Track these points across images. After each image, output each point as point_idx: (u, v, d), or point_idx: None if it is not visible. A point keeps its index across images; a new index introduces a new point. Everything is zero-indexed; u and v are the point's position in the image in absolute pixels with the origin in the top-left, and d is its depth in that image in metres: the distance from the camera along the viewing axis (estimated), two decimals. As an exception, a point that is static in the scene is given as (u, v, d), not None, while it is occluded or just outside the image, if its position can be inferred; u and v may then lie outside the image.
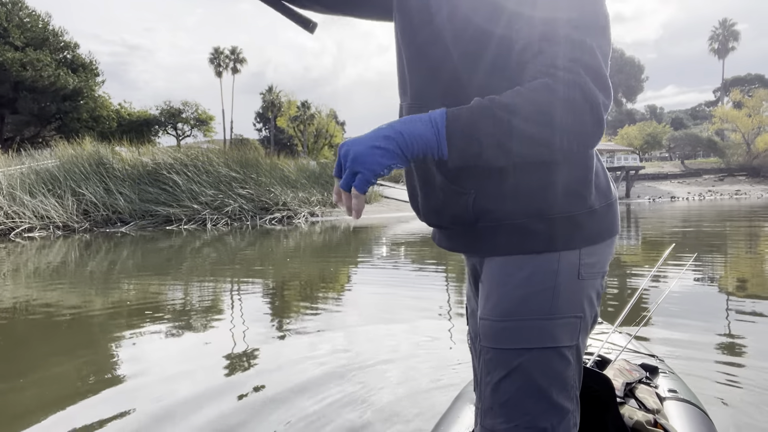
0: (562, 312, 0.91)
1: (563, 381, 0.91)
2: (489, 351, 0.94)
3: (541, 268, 0.92)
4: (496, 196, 0.93)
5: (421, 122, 0.83)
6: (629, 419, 1.31)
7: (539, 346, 0.90)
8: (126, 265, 8.11)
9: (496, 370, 0.92)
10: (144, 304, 5.04)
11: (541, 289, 0.91)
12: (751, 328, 3.75)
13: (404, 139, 0.82)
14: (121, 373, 3.16)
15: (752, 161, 42.30)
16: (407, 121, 0.84)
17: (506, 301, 0.93)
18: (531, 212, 0.92)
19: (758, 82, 64.38)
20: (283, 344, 3.68)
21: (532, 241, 0.92)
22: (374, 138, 0.82)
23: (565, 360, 0.91)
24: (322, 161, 24.65)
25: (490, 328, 0.94)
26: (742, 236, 10.74)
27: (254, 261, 8.29)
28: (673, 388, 1.48)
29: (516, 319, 0.91)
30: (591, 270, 0.94)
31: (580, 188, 0.93)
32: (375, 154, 0.81)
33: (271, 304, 5.11)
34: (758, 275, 6.08)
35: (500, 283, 0.95)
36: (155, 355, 3.50)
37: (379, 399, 2.64)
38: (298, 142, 52.22)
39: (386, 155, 0.81)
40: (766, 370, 2.83)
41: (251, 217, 15.17)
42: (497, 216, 0.93)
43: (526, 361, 0.90)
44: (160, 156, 16.57)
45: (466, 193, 0.94)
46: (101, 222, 14.14)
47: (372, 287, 5.99)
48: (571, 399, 0.92)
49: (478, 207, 0.93)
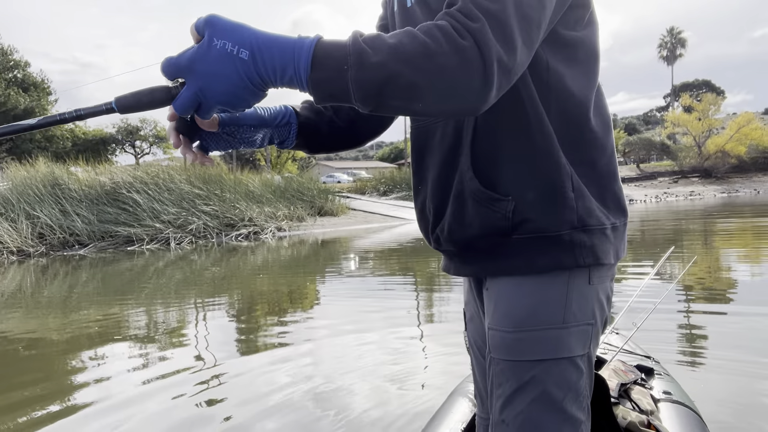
0: (575, 320, 0.87)
1: (577, 391, 0.87)
2: (500, 363, 0.89)
3: (552, 275, 0.87)
4: (535, 203, 0.86)
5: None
6: (623, 420, 1.31)
7: (554, 356, 0.86)
8: (85, 288, 7.79)
9: (508, 382, 0.88)
10: (104, 329, 4.83)
11: (554, 297, 0.87)
12: (751, 328, 3.79)
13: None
14: (79, 401, 3.00)
15: (704, 163, 43.94)
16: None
17: (517, 310, 0.88)
18: (574, 222, 0.86)
19: (706, 86, 67.30)
20: (249, 365, 3.57)
21: (567, 255, 0.87)
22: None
23: (579, 370, 0.88)
24: (287, 175, 24.43)
25: (502, 339, 0.89)
26: (729, 235, 11.09)
27: (220, 279, 8.09)
28: (668, 390, 1.48)
29: (528, 329, 0.87)
30: (601, 274, 0.90)
31: (616, 197, 0.92)
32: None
33: (237, 323, 4.97)
34: (751, 273, 6.25)
35: (510, 291, 0.90)
36: (116, 381, 3.35)
37: (351, 413, 2.58)
38: (261, 157, 51.71)
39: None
40: (764, 371, 2.85)
41: (216, 235, 14.85)
42: (539, 226, 0.86)
43: (541, 372, 0.86)
44: (118, 175, 16.08)
45: (505, 199, 0.87)
46: (58, 245, 13.60)
47: (340, 299, 5.90)
48: (583, 409, 0.89)
49: (518, 215, 0.86)
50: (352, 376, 3.14)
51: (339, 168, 59.64)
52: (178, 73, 0.72)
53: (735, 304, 4.60)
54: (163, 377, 3.37)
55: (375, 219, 18.95)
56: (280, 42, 0.70)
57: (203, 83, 0.70)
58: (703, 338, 3.60)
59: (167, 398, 2.97)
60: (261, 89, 0.72)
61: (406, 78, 0.67)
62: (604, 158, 0.91)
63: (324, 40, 0.70)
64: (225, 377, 3.30)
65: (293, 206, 17.81)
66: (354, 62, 0.67)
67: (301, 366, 3.41)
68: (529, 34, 0.72)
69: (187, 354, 3.89)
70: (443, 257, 1.05)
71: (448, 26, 0.68)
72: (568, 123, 0.87)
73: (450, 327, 4.26)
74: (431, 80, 0.67)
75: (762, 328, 3.71)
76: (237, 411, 2.73)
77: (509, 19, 0.69)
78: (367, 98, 0.69)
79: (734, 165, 43.06)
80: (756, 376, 2.76)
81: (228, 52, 0.69)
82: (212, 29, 0.70)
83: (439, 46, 0.67)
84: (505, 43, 0.69)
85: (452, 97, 0.69)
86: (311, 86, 0.70)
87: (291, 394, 2.92)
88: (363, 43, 0.68)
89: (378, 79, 0.67)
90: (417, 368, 3.26)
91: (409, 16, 0.95)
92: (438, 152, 0.94)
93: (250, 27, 0.71)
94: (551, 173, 0.85)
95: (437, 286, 6.45)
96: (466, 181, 0.89)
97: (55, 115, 0.75)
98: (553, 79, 0.85)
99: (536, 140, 0.85)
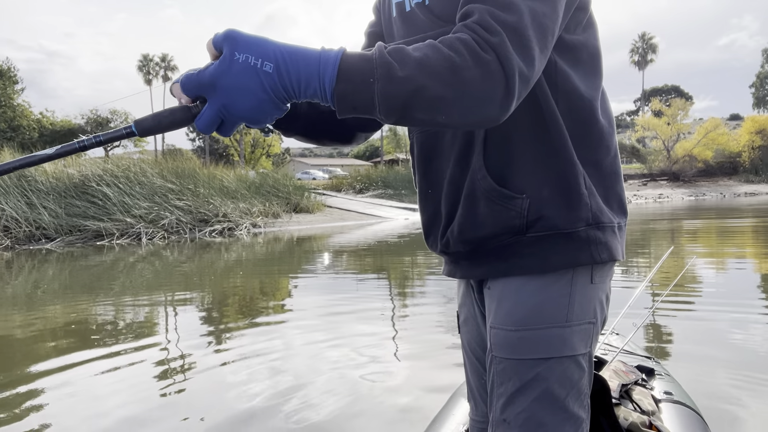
0: (577, 319, 0.87)
1: (578, 390, 0.88)
2: (502, 361, 0.89)
3: (558, 274, 0.88)
4: (551, 201, 0.86)
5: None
6: (624, 420, 1.30)
7: (557, 355, 0.86)
8: (52, 284, 7.54)
9: (510, 380, 0.88)
10: (71, 326, 4.67)
11: (558, 296, 0.87)
12: (753, 327, 3.83)
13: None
14: (44, 401, 2.87)
15: (672, 167, 45.08)
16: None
17: (521, 309, 0.88)
18: (589, 219, 0.87)
19: (674, 92, 69.11)
20: (221, 365, 3.48)
21: (583, 252, 0.87)
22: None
23: (581, 368, 0.88)
24: (261, 171, 24.18)
25: (505, 338, 0.89)
26: (717, 233, 11.33)
27: (192, 276, 7.92)
28: (669, 390, 1.48)
29: (532, 328, 0.87)
30: (602, 274, 0.91)
31: (618, 197, 0.93)
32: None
33: (209, 322, 4.85)
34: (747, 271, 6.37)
35: (514, 289, 0.89)
36: (83, 381, 3.23)
37: (325, 415, 2.54)
38: (235, 152, 51.08)
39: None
40: (764, 370, 2.87)
41: (190, 230, 14.57)
42: (555, 223, 0.86)
43: (544, 370, 0.86)
44: (87, 167, 15.65)
45: (519, 197, 0.86)
46: (24, 239, 13.18)
47: (314, 297, 5.84)
48: (584, 407, 0.89)
49: (533, 213, 0.86)
50: (322, 375, 3.10)
51: (314, 165, 59.36)
52: (200, 90, 0.69)
53: (734, 303, 4.62)
54: (129, 374, 3.28)
55: (351, 217, 18.89)
56: (304, 54, 0.68)
57: (227, 99, 0.68)
58: (703, 338, 3.61)
59: (133, 395, 2.88)
60: (284, 102, 0.70)
61: (432, 91, 0.68)
62: (608, 158, 0.92)
63: (349, 53, 0.70)
64: (191, 373, 3.22)
65: (268, 202, 17.62)
66: (381, 75, 0.67)
67: (270, 362, 3.36)
68: (544, 43, 0.74)
69: (155, 352, 3.78)
70: (447, 262, 1.04)
71: (470, 40, 0.70)
72: (577, 122, 0.88)
73: (422, 326, 4.25)
74: (456, 94, 0.68)
75: (762, 327, 3.75)
76: (203, 409, 2.65)
77: (527, 31, 0.71)
78: (391, 111, 0.69)
79: (701, 169, 44.33)
80: (756, 375, 2.77)
81: (251, 66, 0.67)
82: (233, 43, 0.67)
83: (464, 60, 0.68)
84: (524, 55, 0.71)
85: (475, 110, 0.71)
86: (336, 98, 0.69)
87: (258, 391, 2.85)
88: (389, 56, 0.68)
89: (405, 93, 0.68)
90: (388, 367, 3.23)
91: (411, 20, 0.95)
92: (449, 154, 0.94)
93: (272, 39, 0.69)
94: (566, 170, 0.86)
95: (411, 285, 6.43)
96: (477, 180, 0.89)
97: (73, 143, 0.74)
98: (561, 78, 0.87)
99: (550, 137, 0.87)
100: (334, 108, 0.70)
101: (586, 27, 0.89)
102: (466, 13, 0.74)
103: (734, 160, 46.18)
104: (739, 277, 6.25)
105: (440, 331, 4.07)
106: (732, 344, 3.44)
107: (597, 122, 0.90)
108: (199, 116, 0.70)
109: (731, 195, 36.20)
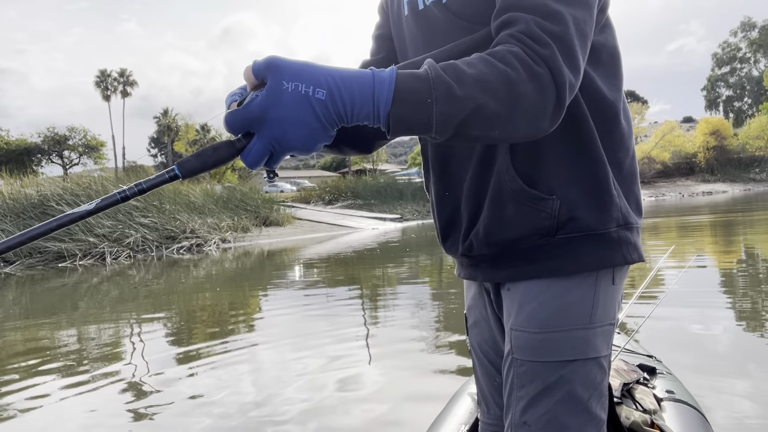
0: (600, 320, 0.87)
1: (600, 391, 0.87)
2: (524, 363, 0.87)
3: (583, 276, 0.87)
4: (582, 201, 0.85)
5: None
6: (626, 419, 1.29)
7: (582, 357, 0.85)
8: (11, 309, 7.21)
9: (532, 383, 0.86)
10: (32, 352, 4.45)
11: (582, 297, 0.86)
12: (757, 324, 3.86)
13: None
14: (4, 430, 2.71)
15: (632, 168, 46.48)
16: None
17: (545, 311, 0.86)
18: (620, 220, 0.87)
19: (631, 96, 71.31)
20: (190, 386, 3.36)
21: (615, 253, 0.87)
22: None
23: (603, 369, 0.87)
24: (227, 185, 23.82)
25: (527, 340, 0.87)
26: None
27: (159, 295, 7.70)
28: (671, 389, 1.48)
29: (556, 330, 0.85)
30: (622, 275, 0.91)
31: (636, 198, 0.93)
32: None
33: (176, 343, 4.71)
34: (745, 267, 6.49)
35: (538, 292, 0.87)
36: (47, 410, 3.06)
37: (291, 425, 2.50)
38: (200, 167, 50.14)
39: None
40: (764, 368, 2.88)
41: (156, 248, 14.20)
42: (587, 224, 0.85)
43: (568, 373, 0.84)
44: (46, 187, 15.15)
45: (549, 198, 0.84)
46: (-22, 263, 12.62)
47: (286, 311, 5.74)
48: (604, 408, 0.89)
49: (564, 214, 0.84)
50: (293, 388, 3.04)
51: (281, 177, 58.87)
52: (249, 126, 0.65)
53: (734, 303, 4.65)
54: (96, 398, 3.15)
55: (322, 228, 18.74)
56: (357, 77, 0.65)
57: (278, 132, 0.64)
58: (705, 336, 3.62)
59: (101, 420, 2.77)
60: (334, 128, 0.66)
61: (491, 109, 0.67)
62: (628, 159, 0.92)
63: (401, 72, 0.66)
64: (159, 397, 3.10)
65: (237, 217, 17.34)
66: (439, 95, 0.65)
67: (239, 376, 3.27)
68: (586, 50, 0.75)
69: (122, 374, 3.64)
70: (464, 265, 1.01)
71: (521, 53, 0.68)
72: (602, 123, 0.88)
73: (395, 335, 4.20)
74: (512, 109, 0.68)
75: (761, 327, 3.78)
76: (172, 430, 2.54)
77: (573, 41, 0.72)
78: (447, 130, 0.67)
79: (660, 170, 45.71)
80: (760, 374, 2.78)
81: (303, 94, 0.63)
82: (278, 72, 0.63)
83: (518, 74, 0.67)
84: (573, 66, 0.71)
85: (529, 122, 0.70)
86: (392, 121, 0.66)
87: (230, 411, 2.77)
88: (445, 75, 0.66)
89: (464, 112, 0.66)
90: (361, 377, 3.19)
91: (426, 19, 0.93)
92: (469, 155, 0.92)
93: (319, 64, 0.66)
94: (597, 171, 0.86)
95: (384, 295, 6.38)
96: (505, 181, 0.87)
97: (114, 194, 0.71)
98: (586, 80, 0.85)
99: (581, 138, 0.86)
100: (384, 129, 0.67)
101: (605, 28, 0.89)
102: (508, 21, 0.73)
103: (690, 160, 47.83)
104: (741, 275, 6.28)
105: (414, 338, 4.04)
106: (734, 342, 3.44)
107: (620, 123, 0.90)
108: (247, 151, 0.66)
109: (689, 194, 37.38)
